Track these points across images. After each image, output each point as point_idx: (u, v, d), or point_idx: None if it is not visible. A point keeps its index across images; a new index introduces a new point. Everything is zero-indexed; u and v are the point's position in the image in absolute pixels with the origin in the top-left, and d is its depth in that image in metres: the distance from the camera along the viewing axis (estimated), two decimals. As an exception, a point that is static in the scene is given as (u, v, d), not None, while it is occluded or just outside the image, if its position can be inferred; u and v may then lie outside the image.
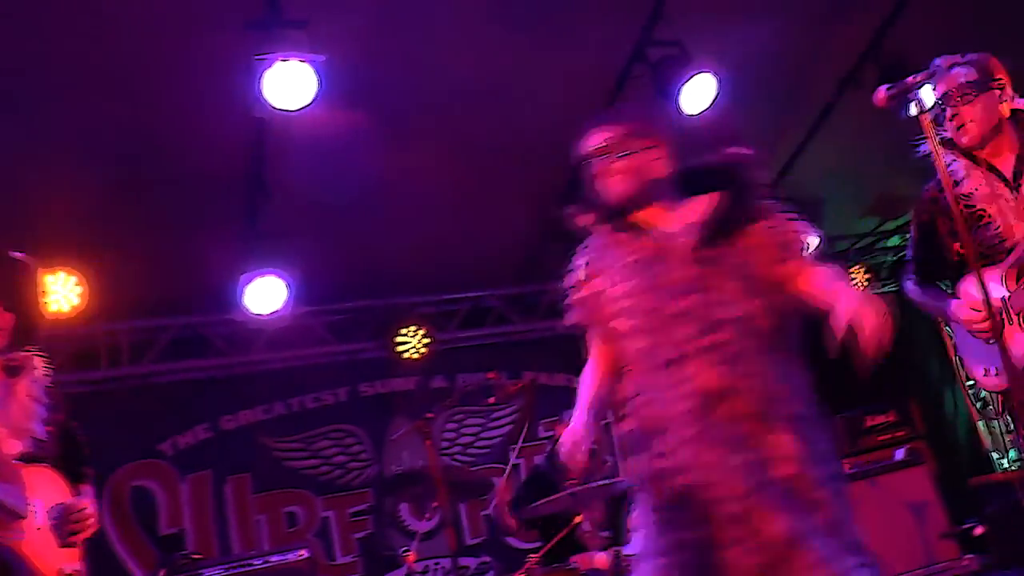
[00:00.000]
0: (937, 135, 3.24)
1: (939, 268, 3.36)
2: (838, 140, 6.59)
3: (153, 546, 6.27)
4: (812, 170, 6.92)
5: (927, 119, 2.72)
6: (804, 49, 6.06)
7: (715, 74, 5.24)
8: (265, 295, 5.73)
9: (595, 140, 2.64)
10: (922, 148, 3.21)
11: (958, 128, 3.16)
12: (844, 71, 6.03)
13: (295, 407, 6.88)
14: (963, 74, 3.17)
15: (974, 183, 3.14)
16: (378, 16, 4.80)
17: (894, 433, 6.97)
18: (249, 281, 5.61)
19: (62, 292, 5.47)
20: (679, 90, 5.23)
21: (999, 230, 3.08)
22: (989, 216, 3.10)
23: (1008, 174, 3.12)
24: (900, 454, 6.62)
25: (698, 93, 5.28)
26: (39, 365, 2.89)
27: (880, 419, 7.02)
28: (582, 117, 5.88)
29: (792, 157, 6.91)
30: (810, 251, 2.57)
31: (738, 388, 2.34)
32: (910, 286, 3.44)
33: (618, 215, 2.60)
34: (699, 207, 2.53)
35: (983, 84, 3.15)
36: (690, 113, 5.33)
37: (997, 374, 3.09)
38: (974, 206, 3.13)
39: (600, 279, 2.61)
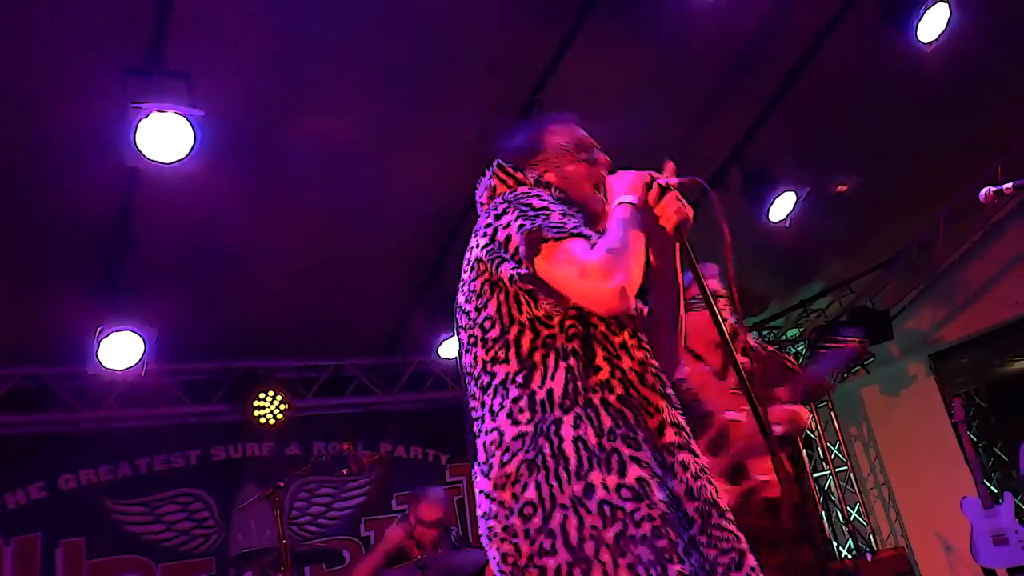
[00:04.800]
0: None
1: None
2: (703, 236, 6.89)
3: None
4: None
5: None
6: (675, 148, 6.33)
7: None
8: (120, 349, 5.51)
9: None
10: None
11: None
12: (710, 173, 6.34)
13: (142, 468, 6.60)
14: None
15: (689, 372, 3.82)
16: (261, 75, 4.81)
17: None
18: (104, 334, 5.40)
19: None
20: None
21: (708, 410, 3.69)
22: (700, 399, 3.73)
23: (717, 366, 3.82)
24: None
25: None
26: None
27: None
28: (455, 193, 6.06)
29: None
30: None
31: None
32: None
33: None
34: None
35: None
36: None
37: None
38: (689, 389, 3.73)
39: None
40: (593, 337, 2.00)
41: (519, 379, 1.95)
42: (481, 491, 1.95)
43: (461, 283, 2.19)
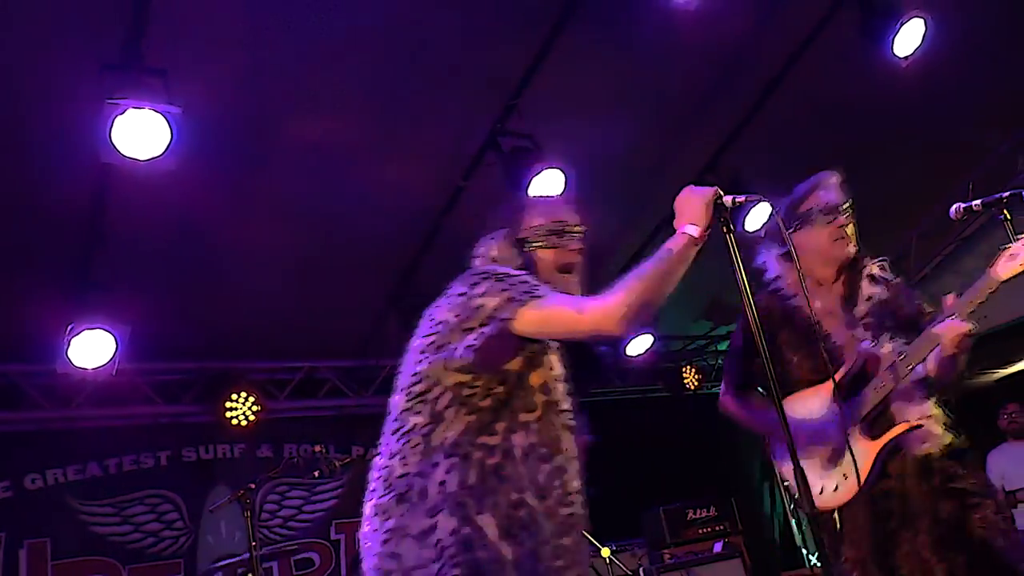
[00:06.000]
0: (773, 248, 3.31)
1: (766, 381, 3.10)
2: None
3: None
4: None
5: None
6: (651, 156, 6.39)
7: (564, 170, 5.41)
8: (91, 348, 5.45)
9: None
10: (760, 258, 3.29)
11: (837, 239, 3.15)
12: (688, 180, 6.35)
13: (111, 469, 6.53)
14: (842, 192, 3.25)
15: (810, 296, 3.10)
16: (240, 75, 4.78)
17: (714, 527, 7.25)
18: (76, 332, 5.33)
19: None
20: (528, 182, 5.35)
21: (835, 343, 3.08)
22: (826, 330, 3.10)
23: (842, 293, 3.18)
24: (718, 547, 6.86)
25: (547, 186, 5.42)
26: None
27: (702, 513, 7.28)
28: (432, 196, 6.04)
29: (633, 257, 7.21)
30: None
31: None
32: (731, 400, 3.32)
33: None
34: None
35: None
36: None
37: (836, 490, 2.96)
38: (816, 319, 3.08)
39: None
40: (506, 406, 2.25)
41: (424, 430, 2.23)
42: (364, 514, 2.27)
43: (417, 335, 2.39)
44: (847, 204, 3.23)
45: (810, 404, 3.06)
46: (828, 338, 3.09)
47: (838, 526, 2.96)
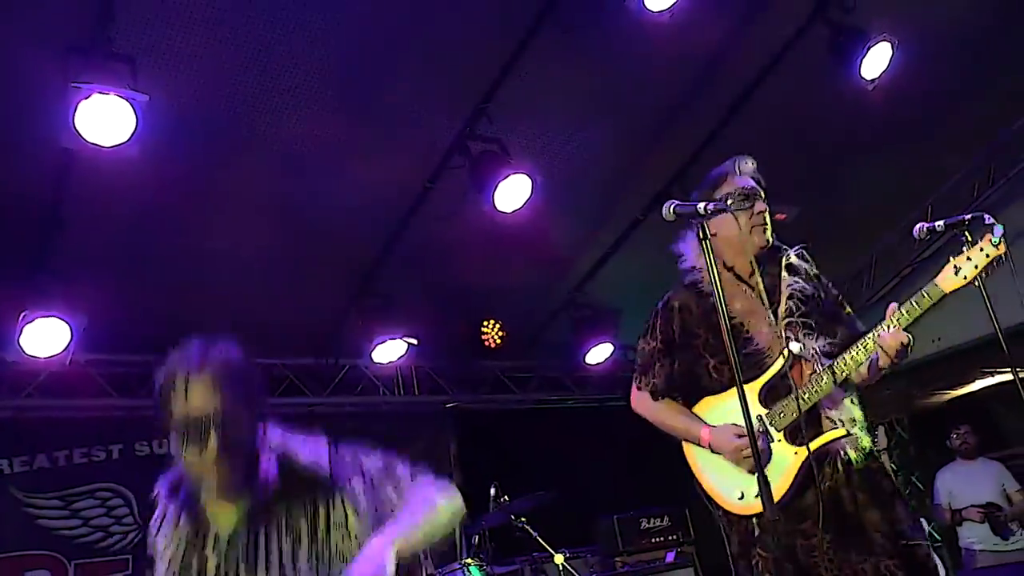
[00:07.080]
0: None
1: (684, 383, 3.14)
2: (642, 254, 6.95)
3: None
4: (615, 279, 7.26)
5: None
6: (619, 166, 6.41)
7: (530, 175, 5.42)
8: (45, 337, 5.34)
9: (200, 400, 2.05)
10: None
11: (755, 227, 3.05)
12: (654, 191, 6.39)
13: (60, 461, 6.41)
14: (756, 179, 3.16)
15: (729, 295, 2.96)
16: (210, 68, 4.72)
17: (667, 536, 7.28)
18: (29, 320, 5.23)
19: None
20: (495, 187, 5.36)
21: (757, 346, 2.97)
22: (748, 331, 2.99)
23: (763, 292, 3.03)
24: (671, 556, 6.89)
25: (513, 192, 5.43)
26: None
27: (655, 522, 7.31)
28: (399, 197, 5.99)
29: (597, 265, 7.24)
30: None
31: None
32: (646, 403, 3.22)
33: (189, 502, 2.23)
34: None
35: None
36: (504, 211, 5.48)
37: (757, 496, 2.45)
38: (734, 318, 2.98)
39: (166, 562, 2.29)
40: None
41: None
42: None
43: None
44: (763, 190, 3.13)
45: (731, 408, 2.89)
46: (751, 341, 2.97)
47: (755, 532, 2.90)
